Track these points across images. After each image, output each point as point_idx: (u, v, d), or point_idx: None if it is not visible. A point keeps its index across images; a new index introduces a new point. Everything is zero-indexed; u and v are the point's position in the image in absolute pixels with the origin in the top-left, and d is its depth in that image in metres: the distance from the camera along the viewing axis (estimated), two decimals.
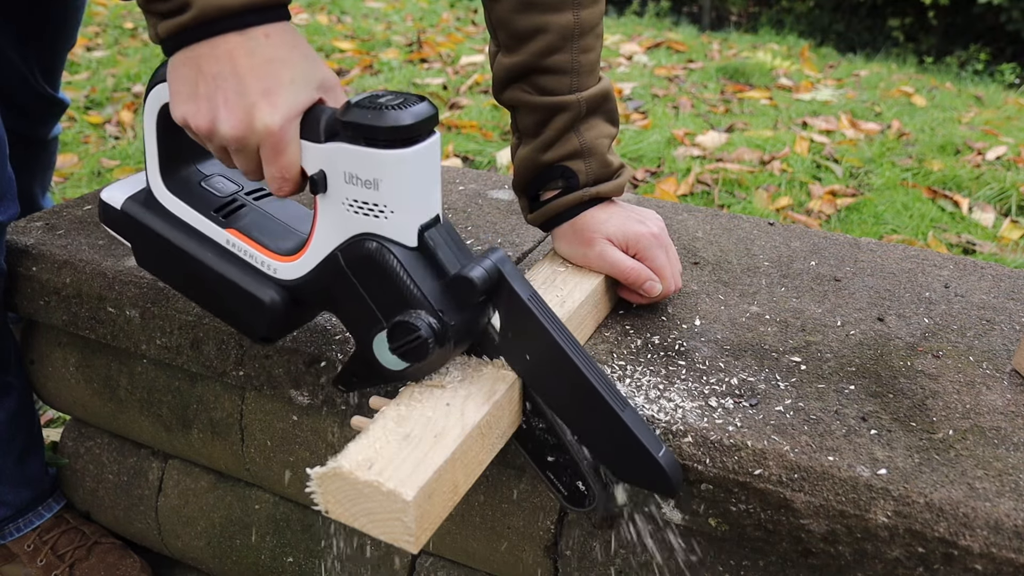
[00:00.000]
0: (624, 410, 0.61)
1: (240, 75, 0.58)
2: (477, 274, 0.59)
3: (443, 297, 0.60)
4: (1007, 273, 0.95)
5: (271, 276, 0.67)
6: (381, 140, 0.57)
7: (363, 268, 0.61)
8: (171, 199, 0.72)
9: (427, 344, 0.58)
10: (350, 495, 0.56)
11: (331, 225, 0.62)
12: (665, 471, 0.60)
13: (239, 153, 0.62)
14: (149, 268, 0.77)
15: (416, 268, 0.60)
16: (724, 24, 6.96)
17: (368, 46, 3.89)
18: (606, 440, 0.62)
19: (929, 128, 3.01)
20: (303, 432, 0.92)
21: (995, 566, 0.58)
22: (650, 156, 2.61)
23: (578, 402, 0.62)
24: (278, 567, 1.02)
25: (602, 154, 0.81)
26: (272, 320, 0.68)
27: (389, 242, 0.60)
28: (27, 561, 1.10)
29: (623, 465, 0.63)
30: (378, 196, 0.59)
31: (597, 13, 0.79)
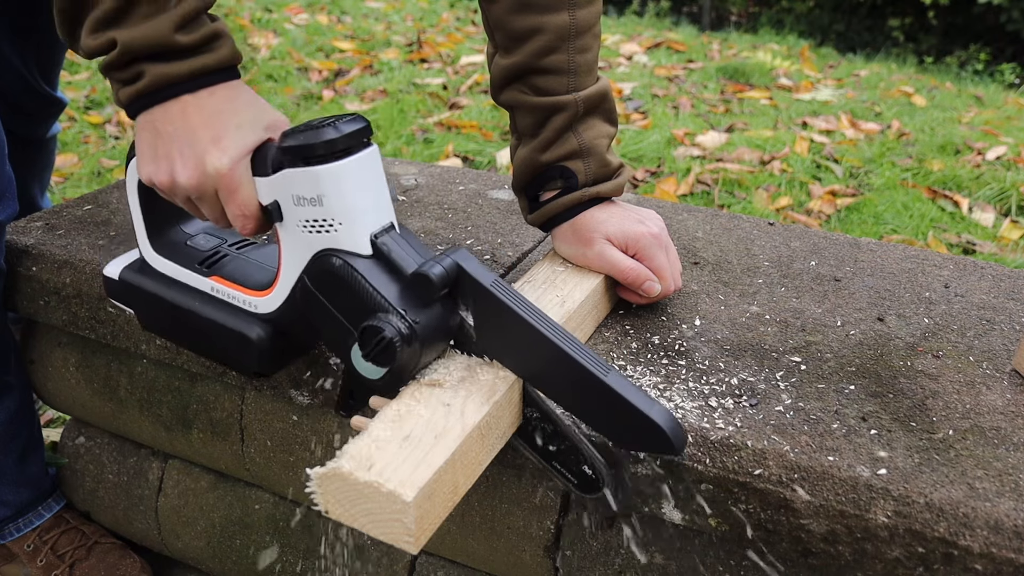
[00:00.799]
0: (608, 374, 0.60)
1: (191, 129, 0.64)
2: (434, 270, 0.60)
3: (404, 297, 0.62)
4: (1007, 273, 0.95)
5: (254, 313, 0.71)
6: (316, 156, 0.60)
7: (326, 284, 0.64)
8: (161, 261, 0.77)
9: (393, 344, 0.59)
10: (350, 496, 0.56)
11: (294, 250, 0.66)
12: (661, 427, 0.59)
13: (201, 201, 0.67)
14: (153, 329, 0.81)
15: (374, 274, 0.62)
16: (724, 24, 6.96)
17: (368, 46, 3.89)
18: (597, 409, 0.62)
19: (929, 128, 3.01)
20: (303, 432, 0.92)
21: (995, 566, 0.58)
22: (650, 156, 2.61)
23: (561, 376, 0.62)
24: (278, 567, 1.02)
25: (601, 154, 0.82)
26: (260, 354, 0.71)
27: (345, 254, 0.63)
28: (27, 561, 1.10)
29: (620, 431, 0.62)
30: (324, 211, 0.62)
31: (594, 13, 0.79)
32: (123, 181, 1.17)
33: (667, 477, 0.67)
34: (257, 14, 4.28)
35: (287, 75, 3.39)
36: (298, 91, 3.20)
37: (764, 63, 3.88)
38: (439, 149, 2.63)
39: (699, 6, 7.28)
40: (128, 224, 1.03)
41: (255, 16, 4.25)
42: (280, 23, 4.17)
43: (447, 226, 1.03)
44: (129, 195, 0.76)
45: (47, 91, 1.23)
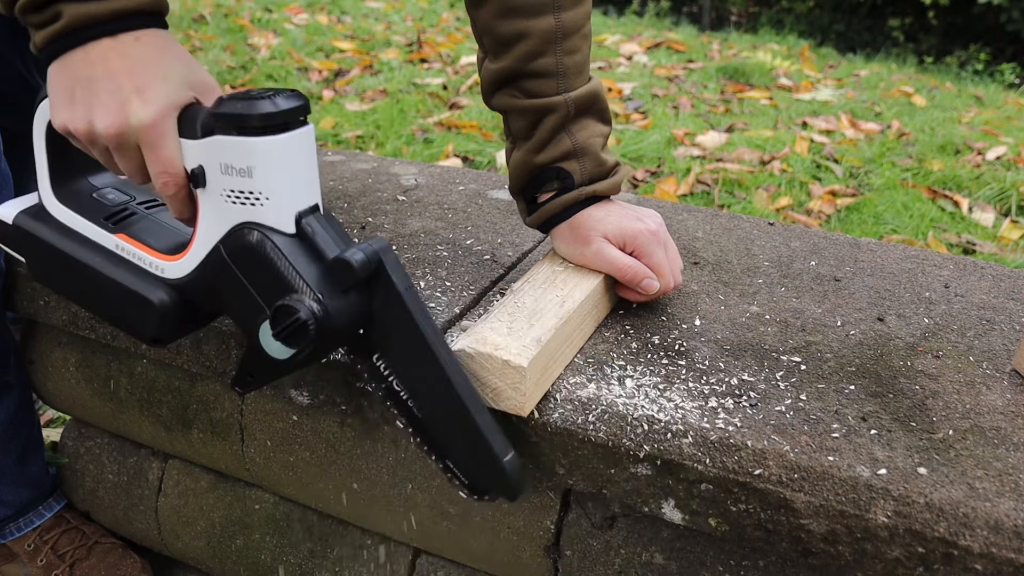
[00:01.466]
0: (480, 412, 0.62)
1: (113, 75, 0.61)
2: (356, 258, 0.59)
3: (322, 281, 0.61)
4: (1007, 273, 0.95)
5: (159, 276, 0.68)
6: (252, 128, 0.59)
7: (243, 257, 0.62)
8: (62, 210, 0.73)
9: (307, 326, 0.58)
10: None
11: (212, 218, 0.64)
12: (509, 476, 0.63)
13: (120, 153, 0.63)
14: (44, 281, 0.77)
15: (294, 254, 0.61)
16: (724, 24, 6.97)
17: (368, 46, 3.89)
18: (454, 436, 0.64)
19: (929, 128, 3.01)
20: (303, 432, 0.92)
21: (995, 566, 0.58)
22: (650, 156, 2.61)
23: (436, 397, 0.63)
24: (278, 567, 1.02)
25: (596, 153, 0.82)
26: (161, 320, 0.68)
27: (267, 229, 0.61)
28: (27, 560, 1.10)
29: (466, 463, 0.65)
30: (253, 184, 0.61)
31: (581, 14, 0.79)
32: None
33: (667, 477, 0.67)
34: (257, 14, 4.28)
35: (287, 75, 3.39)
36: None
37: (764, 63, 3.88)
38: (439, 149, 2.63)
39: (699, 6, 7.28)
40: None
41: (255, 16, 4.25)
42: (280, 23, 4.17)
43: (447, 226, 1.03)
44: (35, 138, 0.72)
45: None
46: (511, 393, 0.67)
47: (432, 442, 0.66)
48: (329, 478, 0.92)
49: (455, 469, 0.66)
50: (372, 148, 2.70)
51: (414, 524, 0.90)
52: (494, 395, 0.68)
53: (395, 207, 1.09)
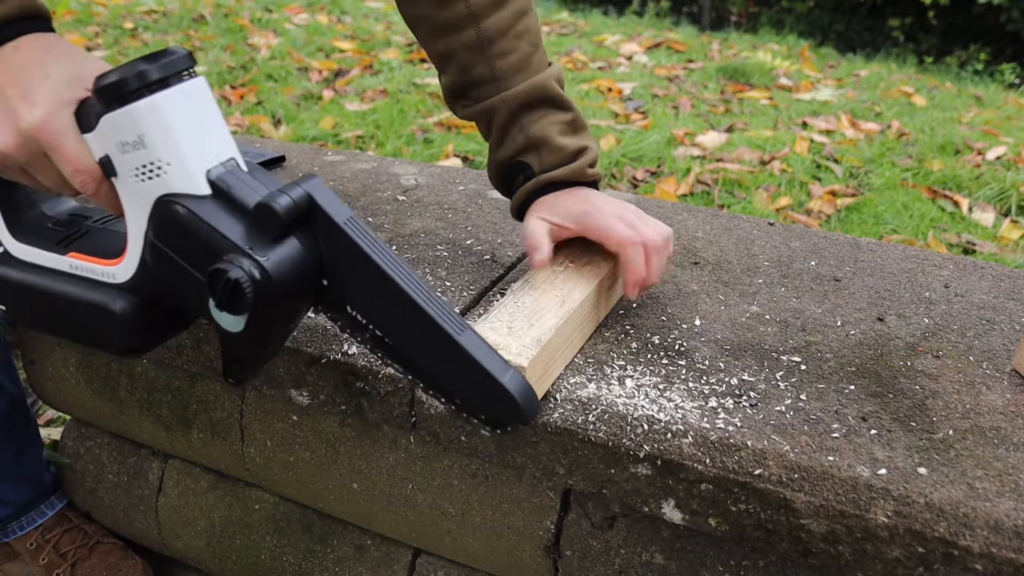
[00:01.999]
0: (462, 333, 0.57)
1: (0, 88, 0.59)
2: (279, 200, 0.56)
3: (250, 234, 0.56)
4: (1007, 273, 0.95)
5: (113, 284, 0.66)
6: (131, 93, 0.56)
7: (168, 234, 0.59)
8: (22, 248, 0.71)
9: (240, 285, 0.54)
10: None
11: (134, 205, 0.61)
12: (512, 395, 0.56)
13: (33, 166, 0.62)
14: (26, 323, 0.76)
15: (214, 214, 0.57)
16: (724, 24, 6.96)
17: (368, 46, 3.89)
18: (448, 370, 0.59)
19: (929, 128, 3.01)
20: (303, 432, 0.92)
21: (995, 566, 0.58)
22: (650, 156, 2.61)
23: (413, 331, 0.58)
24: (278, 567, 1.02)
25: (552, 141, 0.82)
26: (127, 327, 0.65)
27: (179, 196, 0.58)
28: (29, 560, 1.10)
29: (468, 395, 0.59)
30: (149, 153, 0.57)
31: (506, 17, 0.80)
32: None
33: (667, 477, 0.67)
34: (257, 14, 4.28)
35: (287, 75, 3.39)
36: (298, 91, 3.20)
37: (764, 63, 3.88)
38: (439, 149, 2.63)
39: (699, 6, 7.28)
40: None
41: (255, 16, 4.25)
42: (280, 23, 4.17)
43: (447, 226, 1.03)
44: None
45: None
46: None
47: (434, 384, 0.62)
48: (329, 478, 0.92)
49: (466, 407, 0.61)
50: (372, 148, 2.70)
51: (414, 524, 0.90)
52: None
53: (395, 207, 1.09)
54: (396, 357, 0.62)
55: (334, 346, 0.79)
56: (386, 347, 0.61)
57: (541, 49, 0.84)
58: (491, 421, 0.61)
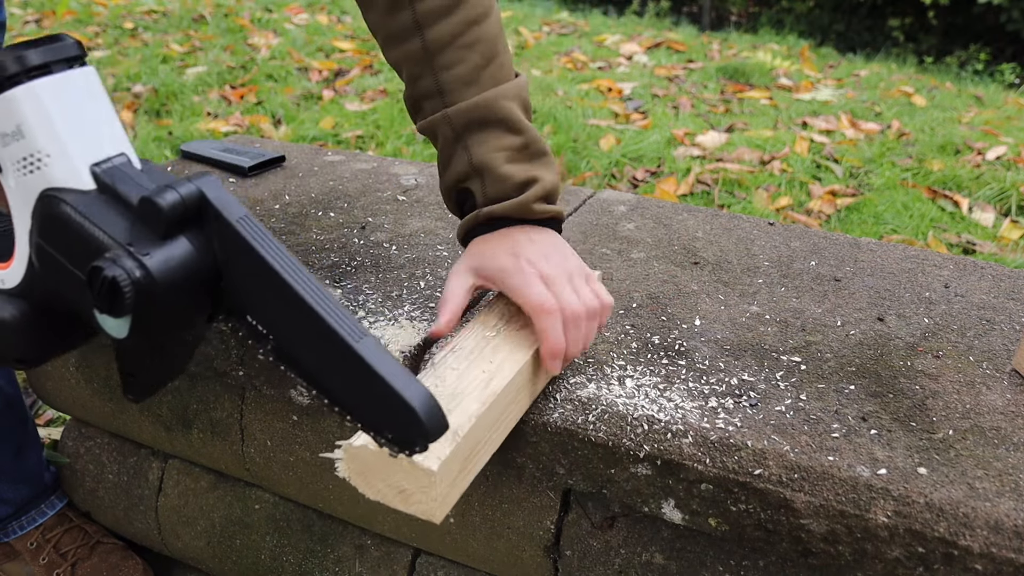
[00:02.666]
0: (360, 340, 0.51)
1: None
2: (164, 196, 0.51)
3: (132, 232, 0.52)
4: (1007, 273, 0.95)
5: (3, 290, 0.61)
6: (6, 79, 0.53)
7: (51, 232, 0.55)
8: None
9: (117, 284, 0.50)
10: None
11: (19, 203, 0.57)
12: (414, 410, 0.50)
13: None
14: None
15: (96, 210, 0.53)
16: (724, 24, 6.96)
17: (368, 46, 3.89)
18: (348, 383, 0.53)
19: (929, 128, 3.01)
20: (303, 432, 0.92)
21: (995, 566, 0.58)
22: (650, 156, 2.61)
23: (310, 339, 0.53)
24: (278, 567, 1.02)
25: (496, 169, 0.73)
26: (15, 336, 0.60)
27: (62, 191, 0.54)
28: (30, 559, 1.10)
29: (372, 413, 0.53)
30: (29, 144, 0.54)
31: (453, 25, 0.74)
32: None
33: (667, 477, 0.67)
34: (257, 14, 4.28)
35: (287, 75, 3.39)
36: (298, 91, 3.21)
37: (764, 63, 3.88)
38: None
39: (699, 6, 7.28)
40: None
41: (255, 16, 4.25)
42: (280, 23, 4.17)
43: (447, 226, 1.03)
44: None
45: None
46: (420, 497, 0.57)
47: (339, 401, 0.55)
48: (329, 478, 0.92)
49: (371, 425, 0.55)
50: (372, 148, 2.70)
51: (414, 524, 0.90)
52: (403, 497, 0.58)
53: (395, 207, 1.09)
54: (299, 370, 0.56)
55: None
56: (288, 360, 0.56)
57: (498, 62, 0.76)
58: (398, 441, 0.54)
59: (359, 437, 0.59)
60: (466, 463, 0.61)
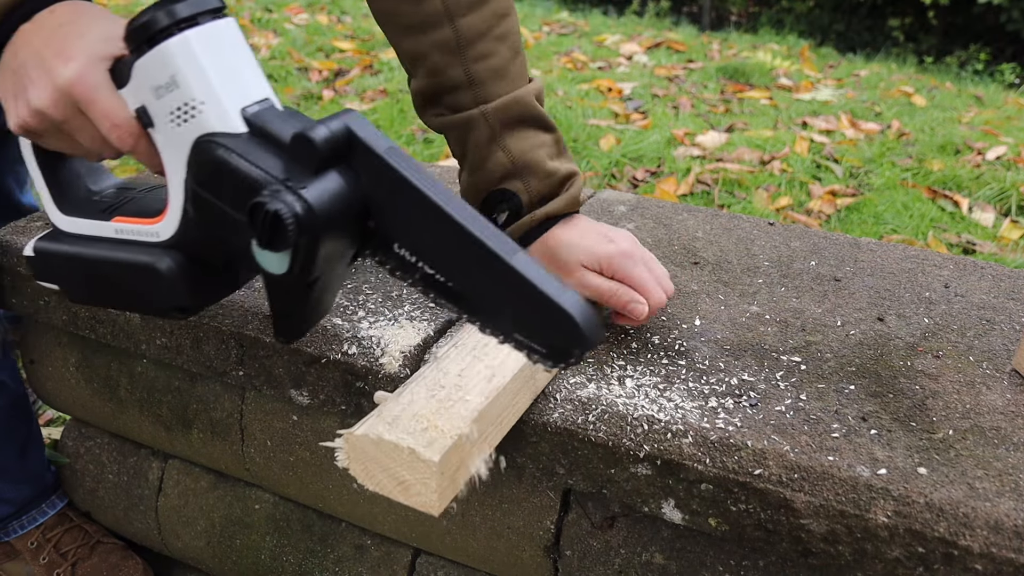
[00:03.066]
0: (514, 254, 0.53)
1: (36, 52, 0.60)
2: (317, 131, 0.53)
3: (288, 168, 0.55)
4: (1007, 273, 0.95)
5: (157, 243, 0.64)
6: (159, 32, 0.56)
7: (208, 176, 0.58)
8: (69, 221, 0.71)
9: (281, 217, 0.51)
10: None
11: (172, 154, 0.60)
12: (572, 317, 0.51)
13: (70, 126, 0.61)
14: (80, 299, 0.74)
15: (251, 150, 0.56)
16: (724, 24, 6.96)
17: (368, 46, 3.89)
18: (502, 298, 0.54)
19: (929, 128, 3.01)
20: (303, 432, 0.92)
21: (995, 566, 0.58)
22: (650, 156, 2.61)
23: (464, 260, 0.54)
24: (278, 567, 1.02)
25: (541, 166, 0.75)
26: (173, 285, 0.64)
27: (216, 135, 0.57)
28: (30, 559, 1.10)
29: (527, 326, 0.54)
30: (183, 93, 0.57)
31: (487, 16, 0.74)
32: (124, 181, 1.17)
33: (667, 477, 0.67)
34: (257, 14, 4.28)
35: (287, 75, 3.39)
36: (298, 91, 3.21)
37: (764, 63, 3.88)
38: (439, 149, 2.63)
39: (699, 6, 7.28)
40: None
41: (255, 16, 4.25)
42: (280, 23, 4.17)
43: None
44: (27, 163, 0.71)
45: None
46: (420, 488, 0.58)
47: (489, 319, 0.56)
48: (329, 478, 0.92)
49: (526, 340, 0.55)
50: None
51: (414, 524, 0.90)
52: (402, 488, 0.59)
53: None
54: (448, 295, 0.57)
55: (334, 346, 0.79)
56: (437, 285, 0.57)
57: (522, 57, 0.77)
58: (553, 354, 0.54)
59: (360, 425, 0.59)
60: (463, 460, 0.61)
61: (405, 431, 0.58)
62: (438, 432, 0.58)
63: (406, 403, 0.61)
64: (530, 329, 0.54)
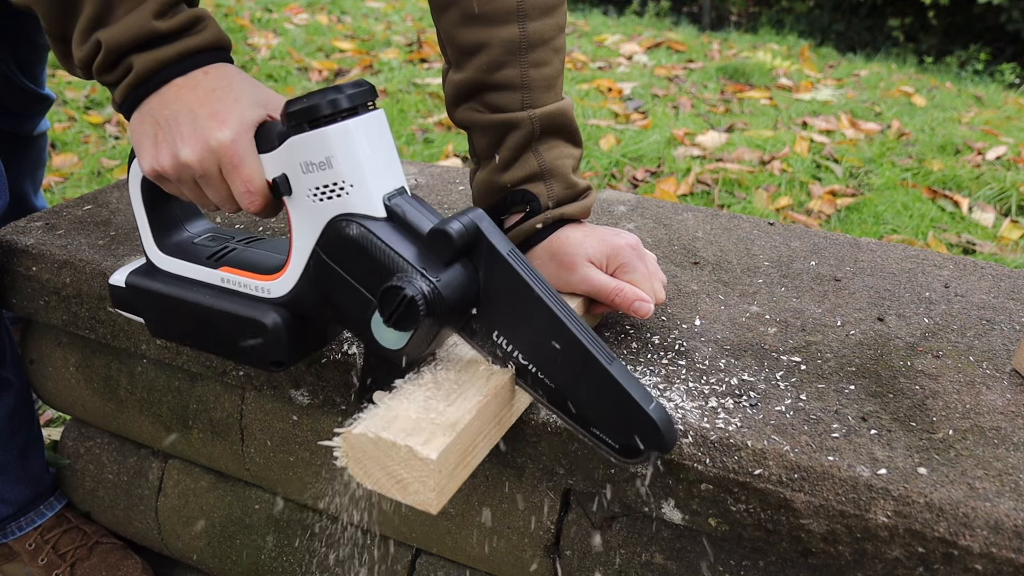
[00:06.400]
0: (612, 363, 0.59)
1: (189, 108, 0.64)
2: (453, 226, 0.58)
3: (423, 257, 0.60)
4: (1007, 273, 0.95)
5: (267, 298, 0.69)
6: (323, 117, 0.60)
7: (341, 252, 0.62)
8: (168, 260, 0.75)
9: (415, 303, 0.57)
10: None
11: (304, 223, 0.64)
12: (657, 425, 0.58)
13: (206, 180, 0.65)
14: (164, 335, 0.78)
15: (390, 236, 0.61)
16: (724, 24, 6.96)
17: (368, 46, 3.89)
18: (592, 397, 0.60)
19: (929, 128, 3.01)
20: (303, 432, 0.92)
21: (995, 566, 0.58)
22: (650, 156, 2.61)
23: (564, 359, 0.60)
24: (278, 567, 1.02)
25: (565, 175, 0.78)
26: (278, 341, 0.68)
27: (358, 217, 0.61)
28: (28, 560, 1.10)
29: (609, 424, 0.61)
30: (334, 174, 0.61)
31: (551, 26, 0.76)
32: (124, 180, 1.17)
33: (667, 477, 0.67)
34: (257, 14, 4.28)
35: (287, 75, 3.39)
36: (298, 91, 3.20)
37: (764, 63, 3.88)
38: (439, 149, 2.63)
39: (699, 6, 7.28)
40: (128, 224, 1.03)
41: (255, 16, 4.25)
42: (280, 23, 4.17)
43: None
44: (132, 198, 0.75)
45: (31, 87, 1.23)
46: (418, 487, 0.58)
47: (571, 412, 0.62)
48: (329, 478, 0.92)
49: (601, 435, 0.61)
50: None
51: (414, 524, 0.90)
52: (400, 487, 0.59)
53: None
54: (536, 384, 0.63)
55: (334, 346, 0.79)
56: (526, 374, 0.63)
57: (562, 76, 0.79)
58: (624, 451, 0.61)
59: (358, 424, 0.59)
60: (464, 456, 0.61)
61: (403, 430, 0.58)
62: (436, 430, 0.58)
63: (404, 402, 0.62)
64: (610, 428, 0.61)
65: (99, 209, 1.08)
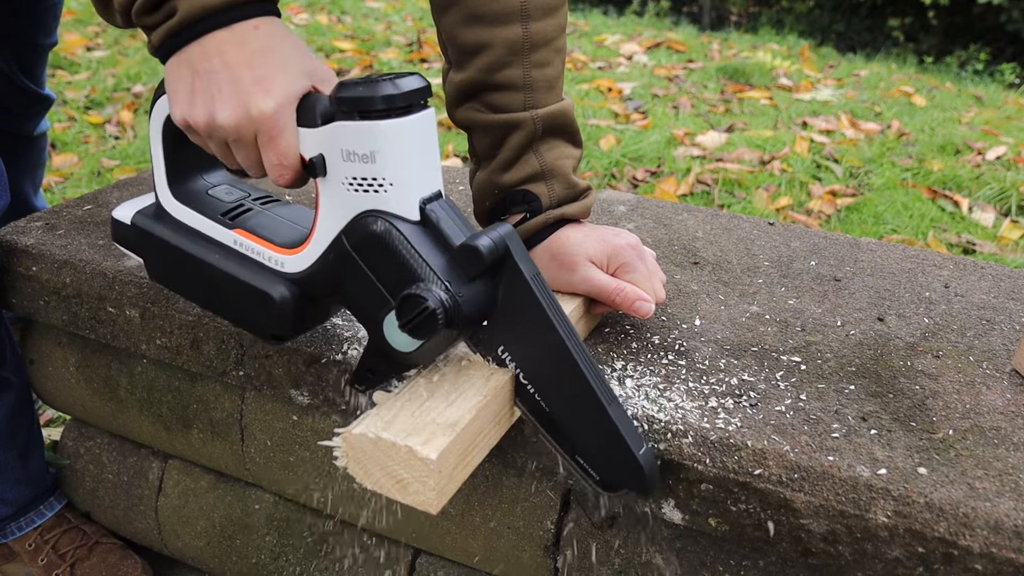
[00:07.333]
0: (611, 404, 0.60)
1: (232, 67, 0.60)
2: (484, 244, 0.58)
3: (449, 270, 0.59)
4: (1007, 273, 0.95)
5: (279, 271, 0.67)
6: (376, 111, 0.58)
7: (367, 246, 0.61)
8: (179, 208, 0.73)
9: (435, 315, 0.56)
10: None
11: (333, 208, 0.62)
12: (643, 470, 0.60)
13: (238, 144, 0.62)
14: (162, 280, 0.77)
15: (420, 241, 0.59)
16: (724, 24, 6.96)
17: (368, 46, 3.89)
18: (583, 430, 0.61)
19: (929, 128, 3.01)
20: (303, 432, 0.92)
21: (995, 566, 0.58)
22: (650, 156, 2.61)
23: (566, 389, 0.61)
24: (278, 567, 1.02)
25: (566, 175, 0.77)
26: (282, 316, 0.67)
27: (391, 216, 0.60)
28: (28, 560, 1.10)
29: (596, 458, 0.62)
30: (376, 169, 0.59)
31: (553, 26, 0.75)
32: (124, 181, 1.17)
33: (667, 477, 0.67)
34: None
35: None
36: None
37: (764, 63, 3.88)
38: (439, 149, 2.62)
39: (699, 6, 7.28)
40: None
41: None
42: None
43: None
44: (152, 136, 0.72)
45: (31, 87, 1.23)
46: (418, 487, 0.58)
47: (560, 437, 0.63)
48: (329, 478, 0.92)
49: (585, 464, 0.63)
50: None
51: (414, 524, 0.90)
52: (400, 487, 0.59)
53: None
54: (529, 403, 0.64)
55: (334, 346, 0.79)
56: (522, 392, 0.64)
57: (563, 76, 0.79)
58: (605, 484, 0.63)
59: (358, 424, 0.59)
60: (464, 455, 0.61)
61: (403, 430, 0.58)
62: (436, 430, 0.58)
63: (404, 402, 0.62)
64: (596, 462, 0.62)
65: (99, 209, 1.08)
